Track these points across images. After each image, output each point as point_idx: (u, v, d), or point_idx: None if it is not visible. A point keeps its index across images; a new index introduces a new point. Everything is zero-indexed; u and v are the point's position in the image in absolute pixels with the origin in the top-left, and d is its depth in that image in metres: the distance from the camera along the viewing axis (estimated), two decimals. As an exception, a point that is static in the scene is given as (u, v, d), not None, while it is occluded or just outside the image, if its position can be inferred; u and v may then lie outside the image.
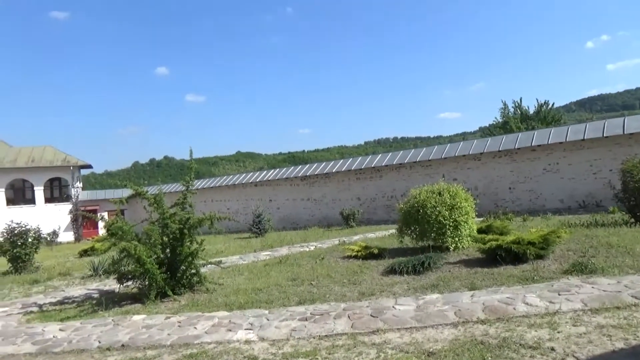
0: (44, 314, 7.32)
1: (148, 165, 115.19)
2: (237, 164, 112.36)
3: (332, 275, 8.05)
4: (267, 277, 8.50)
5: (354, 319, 5.16)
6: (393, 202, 20.64)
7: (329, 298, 6.40)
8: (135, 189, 8.16)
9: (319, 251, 11.62)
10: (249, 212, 24.17)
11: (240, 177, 29.76)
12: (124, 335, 5.50)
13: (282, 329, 5.06)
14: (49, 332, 6.05)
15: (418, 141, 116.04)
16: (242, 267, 10.18)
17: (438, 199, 9.36)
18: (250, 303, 6.53)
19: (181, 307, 6.79)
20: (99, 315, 6.81)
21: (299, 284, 7.57)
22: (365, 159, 23.75)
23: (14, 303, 8.46)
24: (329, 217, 23.34)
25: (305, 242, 14.29)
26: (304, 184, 25.43)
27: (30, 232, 12.85)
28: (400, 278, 7.28)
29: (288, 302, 6.39)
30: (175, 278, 7.72)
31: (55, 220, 32.10)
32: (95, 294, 8.54)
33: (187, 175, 8.64)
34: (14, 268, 12.53)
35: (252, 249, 13.76)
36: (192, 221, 7.78)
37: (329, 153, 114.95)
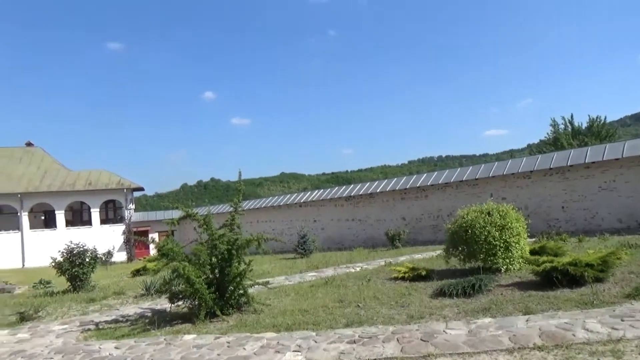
0: (100, 331, 7.59)
1: (196, 187, 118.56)
2: (281, 185, 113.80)
3: (379, 297, 7.95)
4: (314, 299, 8.49)
5: (403, 342, 5.06)
6: (439, 222, 20.24)
7: (377, 320, 6.32)
8: (186, 210, 8.40)
9: (365, 272, 11.51)
10: (293, 232, 24.34)
11: (285, 197, 30.08)
12: (176, 354, 5.62)
13: (331, 352, 5.02)
14: (105, 349, 6.26)
15: (463, 160, 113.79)
16: (288, 287, 10.22)
17: (487, 219, 9.12)
18: (297, 324, 6.53)
19: (230, 328, 6.87)
20: (151, 334, 6.99)
21: (346, 306, 7.52)
22: (410, 179, 23.50)
23: (72, 320, 8.82)
24: (373, 237, 23.13)
25: (350, 263, 14.21)
26: (348, 204, 25.39)
27: (87, 252, 13.42)
28: (449, 301, 7.10)
29: (335, 324, 6.34)
30: (224, 298, 7.84)
31: (110, 240, 33.43)
32: (147, 313, 8.78)
33: (235, 197, 8.84)
34: (73, 287, 13.10)
35: (298, 270, 13.80)
36: (240, 242, 7.91)
37: (372, 173, 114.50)
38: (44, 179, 36.31)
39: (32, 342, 7.25)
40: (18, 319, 9.18)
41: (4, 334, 8.01)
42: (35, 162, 38.46)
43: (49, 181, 36.07)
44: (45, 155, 39.91)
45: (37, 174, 36.86)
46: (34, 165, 38.11)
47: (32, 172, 36.94)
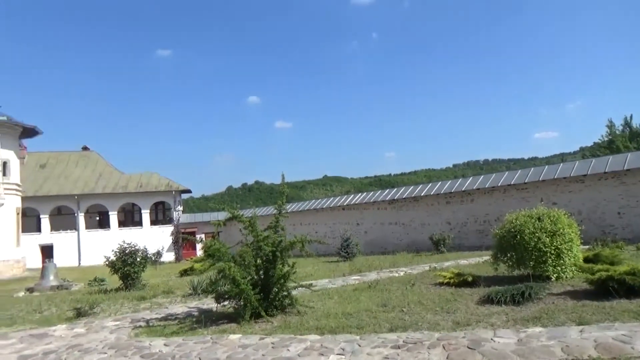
0: (150, 329, 7.85)
1: (240, 189, 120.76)
2: (324, 188, 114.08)
3: (423, 303, 7.83)
4: (357, 302, 8.46)
5: (449, 349, 4.96)
6: (486, 227, 19.72)
7: (422, 326, 6.22)
8: (232, 212, 8.58)
9: (409, 277, 11.37)
10: (336, 235, 24.36)
11: (328, 201, 30.17)
12: (222, 353, 5.74)
13: (374, 356, 4.99)
14: (155, 346, 6.47)
15: (511, 163, 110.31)
16: (331, 290, 10.24)
17: (537, 224, 8.81)
18: (341, 327, 6.53)
19: (274, 329, 6.95)
20: (198, 332, 7.17)
21: (390, 310, 7.45)
22: (455, 182, 23.03)
23: (124, 317, 9.17)
24: (417, 241, 22.80)
25: (394, 267, 14.07)
26: (391, 207, 25.17)
27: (138, 252, 13.95)
28: (497, 308, 6.90)
29: (379, 329, 6.30)
30: (268, 299, 7.93)
31: (159, 241, 34.60)
32: (194, 312, 9.01)
33: (279, 199, 8.94)
34: (125, 285, 13.64)
35: (341, 273, 13.80)
36: (284, 244, 8.00)
37: (415, 176, 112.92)
38: (99, 181, 38.08)
39: (87, 336, 7.60)
40: (75, 314, 9.65)
41: (63, 329, 8.44)
42: (91, 166, 40.39)
43: (103, 183, 37.79)
44: (100, 158, 41.84)
45: (92, 176, 38.71)
46: (90, 168, 40.02)
47: (87, 175, 38.81)
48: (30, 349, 6.92)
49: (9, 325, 9.26)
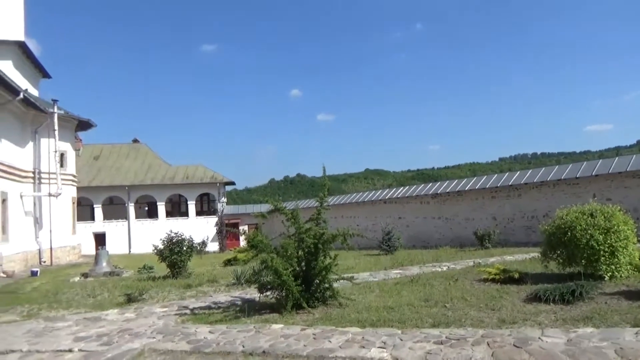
0: (195, 316, 8.08)
1: (282, 182, 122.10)
2: (365, 181, 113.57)
3: (467, 299, 7.68)
4: (399, 296, 8.40)
5: (494, 347, 4.85)
6: (533, 223, 19.07)
7: (465, 322, 6.11)
8: (275, 204, 8.69)
9: (452, 272, 11.18)
10: (377, 229, 24.22)
11: (370, 194, 30.03)
12: (264, 342, 5.84)
13: (417, 351, 4.94)
14: (200, 333, 6.66)
15: (561, 157, 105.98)
16: (372, 284, 10.21)
17: (590, 220, 8.43)
18: (382, 321, 6.50)
19: (315, 320, 7.01)
20: (242, 321, 7.32)
21: (432, 305, 7.36)
22: (501, 177, 22.37)
23: (171, 304, 9.49)
24: (461, 236, 22.34)
25: (437, 262, 13.86)
26: (434, 202, 24.76)
27: (184, 242, 14.37)
28: (545, 307, 6.68)
29: (421, 324, 6.23)
30: (310, 291, 8.00)
31: (204, 231, 35.57)
32: (238, 301, 9.20)
33: (321, 192, 8.97)
34: (172, 273, 14.10)
35: (382, 267, 13.72)
36: (326, 236, 8.02)
37: (459, 170, 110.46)
38: (148, 173, 39.49)
39: (137, 321, 7.93)
40: (125, 300, 10.08)
41: (115, 313, 8.85)
42: (140, 158, 41.91)
43: (152, 175, 39.17)
44: (149, 151, 43.34)
45: (141, 168, 40.18)
46: (139, 160, 41.55)
47: (137, 167, 40.32)
48: (85, 332, 7.29)
49: (66, 308, 9.80)
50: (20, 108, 21.39)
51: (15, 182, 21.32)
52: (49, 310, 9.68)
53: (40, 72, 28.73)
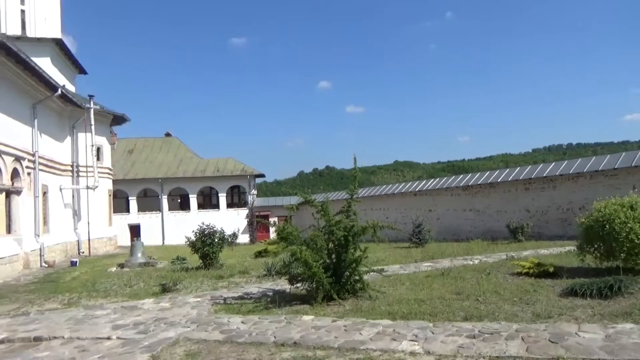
0: (228, 306, 8.24)
1: (311, 174, 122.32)
2: (395, 173, 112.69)
3: (500, 292, 7.56)
4: (430, 289, 8.34)
5: (528, 342, 4.77)
6: (569, 215, 18.53)
7: (499, 317, 6.02)
8: (305, 197, 8.74)
9: (484, 265, 11.01)
10: (407, 221, 24.03)
11: (400, 186, 29.78)
12: (295, 333, 5.91)
13: (449, 345, 4.91)
14: (232, 323, 6.79)
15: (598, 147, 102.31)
16: (403, 276, 10.17)
17: (629, 213, 8.14)
18: (413, 314, 6.48)
19: (346, 312, 7.04)
20: (273, 312, 7.42)
21: (464, 299, 7.27)
22: (535, 168, 21.79)
23: (204, 294, 9.69)
24: (493, 229, 21.93)
25: (468, 255, 13.67)
26: (465, 194, 24.36)
27: (216, 233, 14.62)
28: (582, 301, 6.51)
29: (453, 317, 6.18)
30: (340, 283, 8.03)
31: (235, 223, 36.07)
32: (269, 293, 9.32)
33: (351, 184, 8.96)
34: (204, 264, 14.39)
35: (413, 259, 13.63)
36: (356, 229, 8.02)
37: (491, 162, 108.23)
38: (180, 165, 40.28)
39: (172, 311, 8.14)
40: (160, 289, 10.36)
41: (150, 302, 9.11)
42: (173, 151, 42.76)
43: (184, 168, 39.93)
44: (181, 144, 44.16)
45: (174, 161, 41.00)
46: (172, 153, 42.40)
47: (170, 160, 41.17)
48: (122, 320, 7.54)
49: (104, 297, 10.16)
50: (58, 104, 22.11)
51: (55, 175, 22.13)
52: (88, 299, 10.05)
53: (77, 68, 29.64)
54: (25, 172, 17.87)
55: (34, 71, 17.28)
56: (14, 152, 16.72)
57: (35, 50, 22.29)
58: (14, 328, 7.54)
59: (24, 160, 17.77)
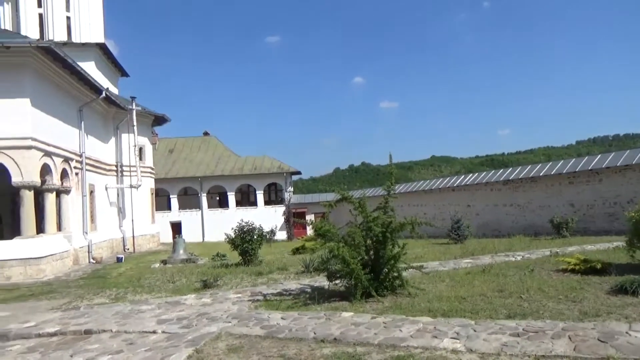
0: (267, 302, 8.35)
1: (347, 171, 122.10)
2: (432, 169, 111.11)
3: (544, 290, 7.34)
4: (471, 286, 8.19)
5: (576, 341, 4.62)
6: (617, 209, 17.79)
7: (543, 315, 5.86)
8: (342, 193, 8.74)
9: (527, 262, 10.72)
10: (446, 217, 23.66)
11: (437, 181, 29.35)
12: (335, 329, 5.94)
13: (492, 343, 4.82)
14: (273, 319, 6.89)
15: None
16: (442, 273, 10.03)
17: (684, 207, 7.74)
18: (454, 311, 6.39)
19: (385, 309, 7.01)
20: (312, 308, 7.47)
21: (507, 296, 7.11)
22: (580, 161, 21.00)
23: (244, 290, 9.86)
24: (535, 224, 21.30)
25: (509, 252, 13.34)
26: (506, 188, 23.74)
27: (255, 230, 14.84)
28: (632, 299, 6.25)
29: (495, 315, 6.05)
30: (379, 280, 7.99)
31: (272, 220, 36.43)
32: (307, 289, 9.38)
33: (388, 180, 8.91)
34: (244, 260, 14.63)
35: (452, 256, 13.42)
36: (394, 225, 7.95)
37: (532, 155, 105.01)
38: (218, 164, 41.06)
39: (213, 306, 8.33)
40: (202, 285, 10.61)
41: (192, 298, 9.35)
42: (211, 150, 43.63)
43: (222, 166, 40.68)
44: (219, 143, 45.00)
45: (212, 159, 41.84)
46: (210, 152, 43.27)
47: (208, 158, 42.03)
48: (167, 315, 7.78)
49: (149, 292, 10.50)
50: (103, 106, 22.95)
51: (101, 175, 23.01)
52: (133, 294, 10.42)
53: (119, 71, 30.66)
54: (73, 173, 18.67)
55: (80, 75, 18.01)
56: (63, 154, 17.50)
57: (81, 55, 23.23)
58: (66, 321, 7.91)
59: (72, 161, 18.56)
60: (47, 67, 15.91)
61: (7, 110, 14.54)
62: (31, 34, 24.14)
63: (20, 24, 25.46)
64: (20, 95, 14.72)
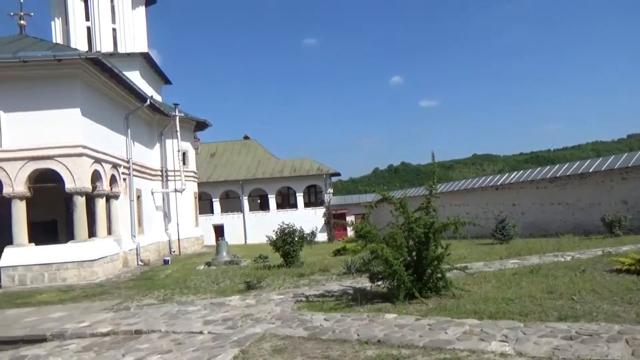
0: (310, 303, 8.39)
1: (386, 171, 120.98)
2: (474, 167, 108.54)
3: (598, 291, 7.04)
4: (518, 287, 7.96)
5: (634, 345, 4.40)
6: (676, 206, 16.83)
7: (597, 317, 5.62)
8: (383, 194, 8.69)
9: (577, 262, 10.31)
10: (489, 216, 23.09)
11: (479, 180, 28.67)
12: (379, 331, 5.90)
13: (543, 346, 4.66)
14: (316, 320, 6.91)
15: None
16: (488, 274, 9.79)
17: None
18: (501, 313, 6.22)
19: (429, 310, 6.91)
20: (355, 310, 7.45)
21: (557, 298, 6.86)
22: (632, 155, 19.98)
23: (287, 292, 9.95)
24: (585, 223, 20.43)
25: (558, 252, 12.86)
26: (553, 186, 22.90)
27: (296, 233, 14.96)
28: (695, 301, 5.89)
29: (545, 317, 5.85)
30: (422, 281, 7.89)
31: (313, 222, 36.59)
32: (349, 290, 9.35)
33: (430, 180, 8.79)
34: (285, 262, 14.77)
35: (497, 256, 13.06)
36: (436, 225, 7.83)
37: (580, 151, 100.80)
38: (259, 167, 41.66)
39: (257, 307, 8.46)
40: (245, 287, 10.78)
41: (236, 299, 9.52)
42: (251, 153, 44.34)
43: (262, 169, 41.24)
44: (259, 146, 45.67)
45: (253, 163, 42.50)
46: (250, 155, 43.97)
47: (249, 162, 42.72)
48: (212, 316, 7.96)
49: (194, 294, 10.77)
50: (147, 113, 23.74)
51: (147, 180, 23.82)
52: (180, 296, 10.72)
53: (162, 79, 31.66)
54: (121, 178, 19.40)
55: (126, 84, 18.71)
56: (111, 160, 18.22)
57: (126, 64, 24.12)
58: (117, 322, 8.23)
59: (120, 167, 19.30)
60: (95, 78, 16.62)
61: (59, 119, 15.28)
62: (80, 46, 25.34)
63: (70, 37, 26.75)
64: (71, 105, 15.44)
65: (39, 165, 15.28)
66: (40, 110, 15.18)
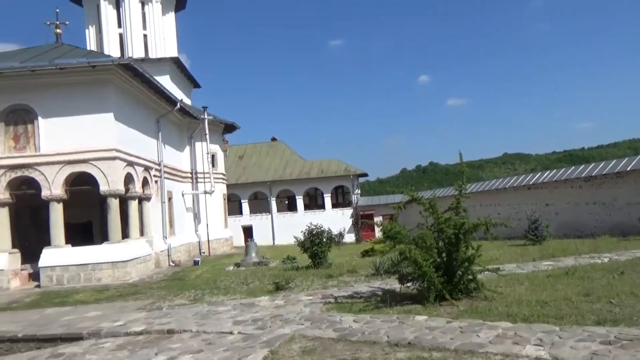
0: (339, 305, 8.37)
1: (415, 171, 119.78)
2: (504, 167, 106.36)
3: (638, 294, 6.80)
4: (553, 290, 7.74)
5: (678, 351, 4.22)
6: None
7: (638, 321, 5.41)
8: (411, 194, 8.59)
9: (615, 264, 9.96)
10: (521, 217, 22.53)
11: (511, 180, 28.05)
12: (409, 333, 5.83)
13: (580, 351, 4.51)
14: (345, 321, 6.89)
15: None
16: (521, 276, 9.56)
17: None
18: (535, 316, 6.06)
19: (460, 313, 6.80)
20: (384, 311, 7.39)
21: (594, 301, 6.64)
22: (674, 153, 19.22)
23: (315, 293, 9.95)
24: (622, 224, 19.72)
25: (595, 253, 12.46)
26: (588, 185, 22.21)
27: (324, 234, 14.97)
28: None
29: (582, 321, 5.67)
30: (452, 283, 7.76)
31: (340, 223, 36.52)
32: (378, 292, 9.29)
33: (459, 180, 8.64)
34: (313, 263, 14.79)
35: (530, 258, 12.75)
36: (467, 226, 7.69)
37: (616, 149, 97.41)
38: (286, 168, 41.88)
39: (286, 308, 8.49)
40: (274, 288, 10.84)
41: (266, 300, 9.59)
42: (279, 154, 44.59)
43: (290, 170, 41.44)
44: (286, 148, 45.91)
45: (280, 164, 42.74)
46: (278, 157, 44.23)
47: (276, 163, 42.98)
48: (242, 316, 8.03)
49: (224, 294, 10.90)
50: (177, 117, 24.19)
51: (177, 182, 24.28)
52: (210, 296, 10.86)
53: (192, 83, 32.23)
54: (153, 180, 19.82)
55: (157, 89, 19.12)
56: (143, 163, 18.64)
57: (157, 69, 24.68)
58: (150, 321, 8.40)
59: (152, 169, 19.72)
60: (127, 83, 17.04)
61: (94, 124, 15.72)
62: (113, 52, 26.03)
63: (103, 44, 27.53)
64: (105, 110, 15.87)
65: (75, 169, 15.75)
66: (76, 115, 15.66)
